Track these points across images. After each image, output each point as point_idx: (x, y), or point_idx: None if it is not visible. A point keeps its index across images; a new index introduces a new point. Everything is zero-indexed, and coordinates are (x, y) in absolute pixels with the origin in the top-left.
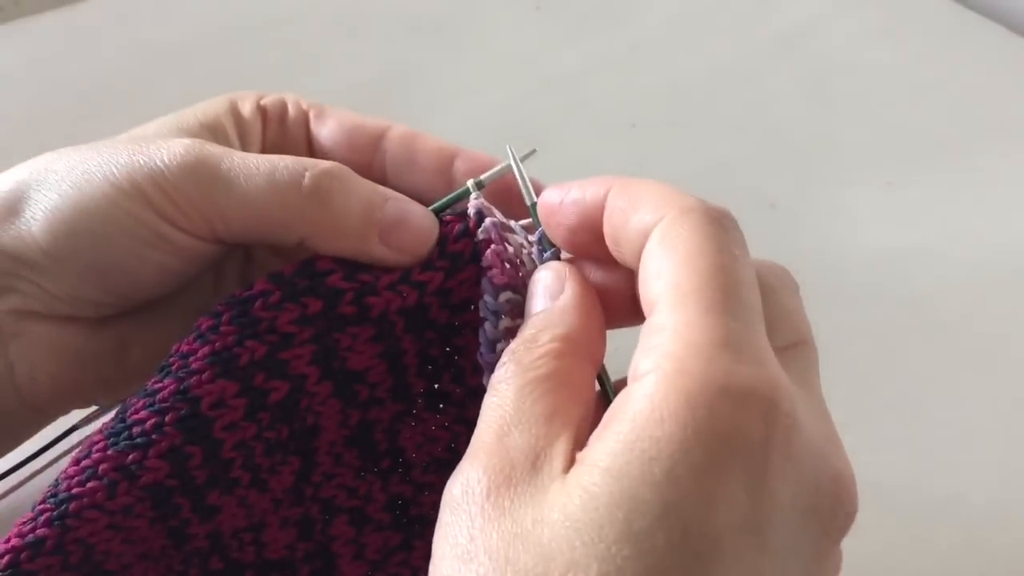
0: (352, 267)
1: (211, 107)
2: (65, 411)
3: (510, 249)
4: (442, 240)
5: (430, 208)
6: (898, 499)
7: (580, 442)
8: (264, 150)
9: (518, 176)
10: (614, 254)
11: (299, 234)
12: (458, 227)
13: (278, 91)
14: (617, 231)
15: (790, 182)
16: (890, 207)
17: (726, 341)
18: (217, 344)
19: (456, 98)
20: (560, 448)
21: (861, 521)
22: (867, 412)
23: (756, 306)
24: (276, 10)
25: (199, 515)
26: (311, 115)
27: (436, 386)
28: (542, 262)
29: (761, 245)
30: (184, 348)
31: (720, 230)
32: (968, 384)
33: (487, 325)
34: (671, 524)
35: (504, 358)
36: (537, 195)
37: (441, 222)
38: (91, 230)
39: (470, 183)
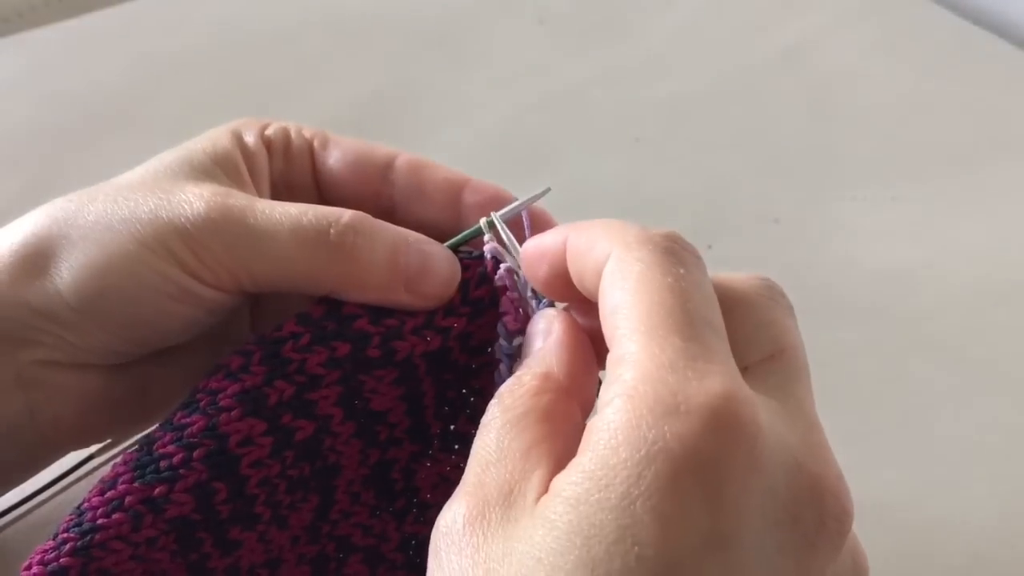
0: (377, 312)
1: (219, 141)
2: (85, 447)
3: (518, 294)
4: (464, 285)
5: (446, 245)
6: (899, 517)
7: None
8: (272, 184)
9: (506, 239)
10: (584, 294)
11: (326, 288)
12: (478, 272)
13: (283, 105)
14: (580, 274)
15: (793, 197)
16: (893, 222)
17: (675, 362)
18: (247, 383)
19: (460, 112)
20: (535, 482)
21: (862, 539)
22: (869, 428)
23: (711, 320)
24: (280, 23)
25: (220, 549)
26: (315, 144)
27: (452, 427)
28: (537, 311)
29: (764, 260)
30: (213, 385)
31: (665, 254)
32: (971, 401)
33: (502, 367)
34: (626, 549)
35: (492, 401)
36: (547, 227)
37: (460, 263)
38: (119, 289)
39: (483, 222)
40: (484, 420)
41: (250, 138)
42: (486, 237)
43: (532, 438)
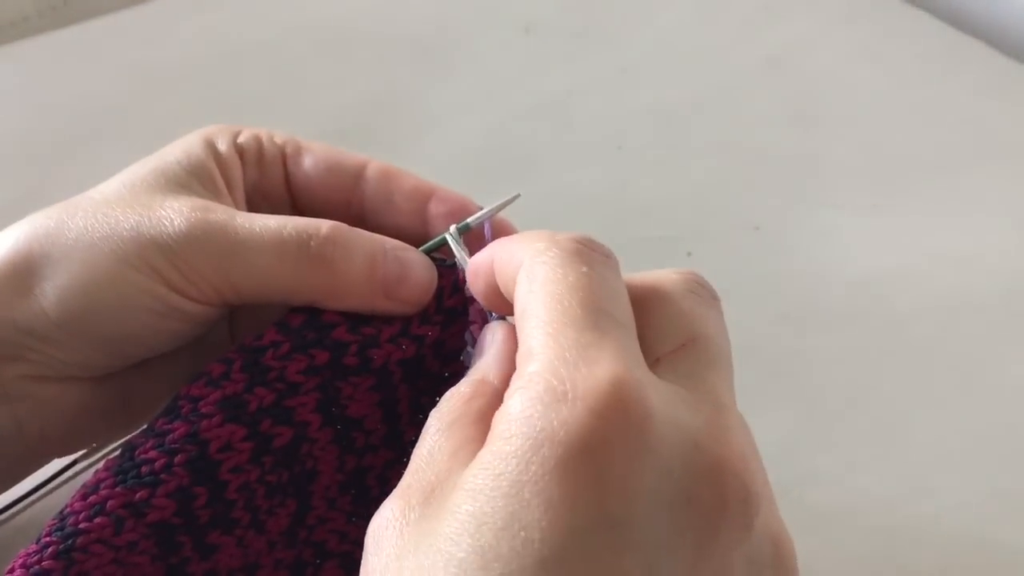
0: (355, 320)
1: (192, 151)
2: (70, 455)
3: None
4: (438, 293)
5: (420, 249)
6: (876, 521)
7: None
8: (246, 191)
9: (459, 255)
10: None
11: (308, 298)
12: (451, 280)
13: (271, 114)
14: (505, 286)
15: (775, 204)
16: (875, 229)
17: (566, 352)
18: (228, 390)
19: (444, 121)
20: (455, 479)
21: (839, 543)
22: (845, 434)
23: (612, 311)
24: (269, 34)
25: (199, 553)
26: (287, 151)
27: None
28: (488, 323)
29: (744, 267)
30: (194, 392)
31: (569, 255)
32: (947, 407)
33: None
34: (513, 534)
35: (432, 410)
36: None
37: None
38: (103, 307)
39: (453, 228)
40: (423, 429)
41: (223, 147)
42: (453, 247)
43: (459, 441)
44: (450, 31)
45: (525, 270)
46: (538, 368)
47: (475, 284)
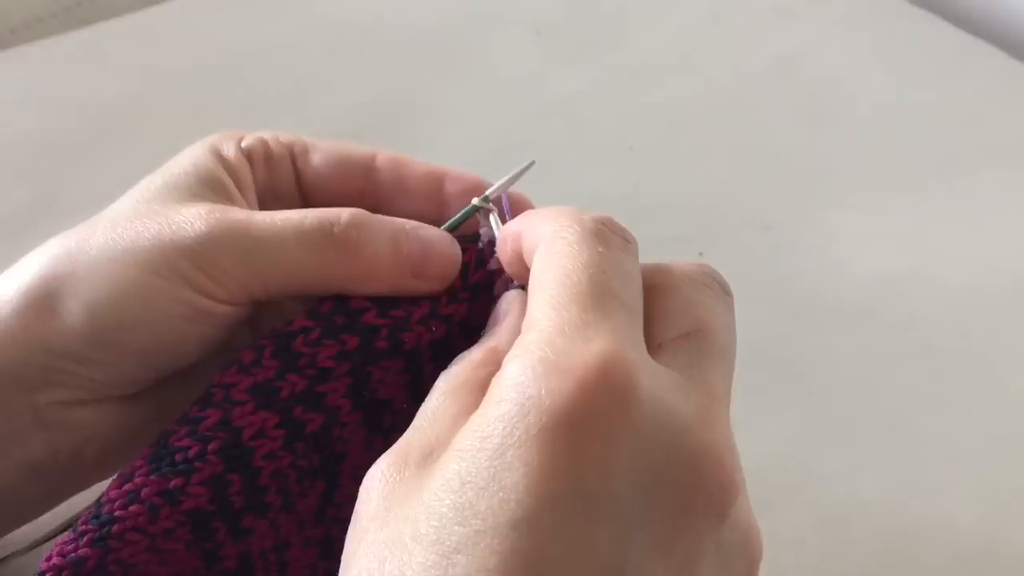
0: (384, 303)
1: (199, 160)
2: (107, 478)
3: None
4: (464, 269)
5: (443, 228)
6: (886, 520)
7: None
8: (257, 193)
9: (492, 223)
10: None
11: (336, 286)
12: (476, 255)
13: (283, 115)
14: (527, 256)
15: (785, 205)
16: (885, 230)
17: (567, 326)
18: (259, 377)
19: (456, 122)
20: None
21: (849, 543)
22: (856, 433)
23: (620, 294)
24: (281, 35)
25: (232, 538)
26: (295, 150)
27: None
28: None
29: (755, 267)
30: (227, 380)
31: (587, 234)
32: (957, 406)
33: None
34: (492, 493)
35: (443, 372)
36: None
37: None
38: (133, 319)
39: (475, 201)
40: (432, 388)
41: (229, 152)
42: (482, 227)
43: (464, 405)
44: (461, 33)
45: (544, 243)
46: (536, 337)
47: (503, 251)
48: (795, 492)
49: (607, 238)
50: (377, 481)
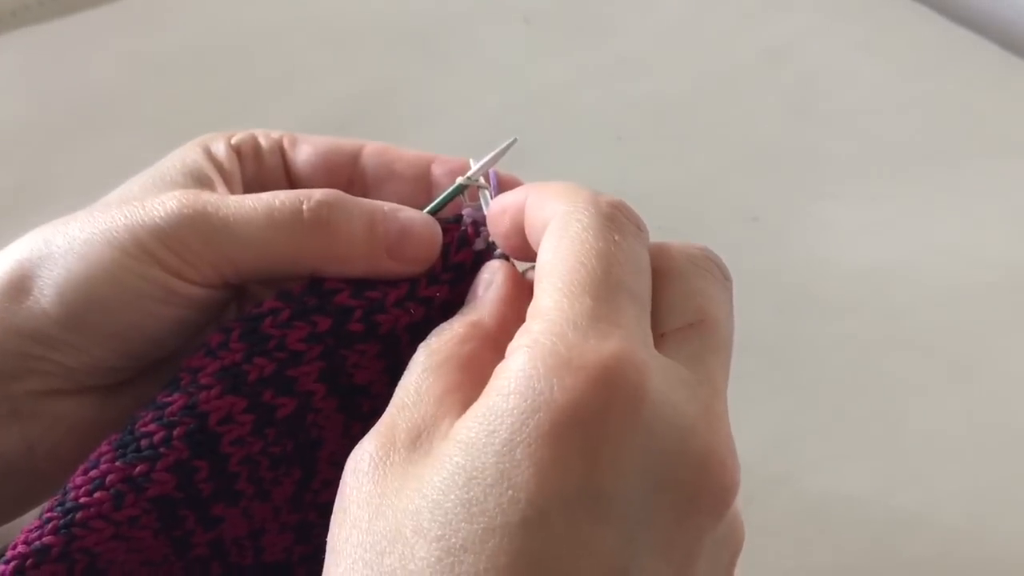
0: (359, 284)
1: (188, 156)
2: None
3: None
4: (444, 250)
5: (425, 211)
6: (870, 511)
7: None
8: (246, 187)
9: (481, 199)
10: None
11: (308, 267)
12: (457, 235)
13: (269, 104)
14: (531, 230)
15: (773, 195)
16: (873, 221)
17: (579, 320)
18: (226, 360)
19: (444, 111)
20: (444, 427)
21: (835, 533)
22: (842, 424)
23: (632, 287)
24: (269, 23)
25: (203, 526)
26: (285, 143)
27: None
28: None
29: (743, 257)
30: (194, 363)
31: (602, 219)
32: (943, 397)
33: None
34: (501, 491)
35: (421, 344)
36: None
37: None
38: (103, 298)
39: (460, 180)
40: (410, 361)
41: (219, 149)
42: (464, 209)
43: (449, 384)
44: (449, 21)
45: (558, 223)
46: (546, 329)
47: (499, 221)
48: (780, 483)
49: (622, 225)
50: (366, 464)
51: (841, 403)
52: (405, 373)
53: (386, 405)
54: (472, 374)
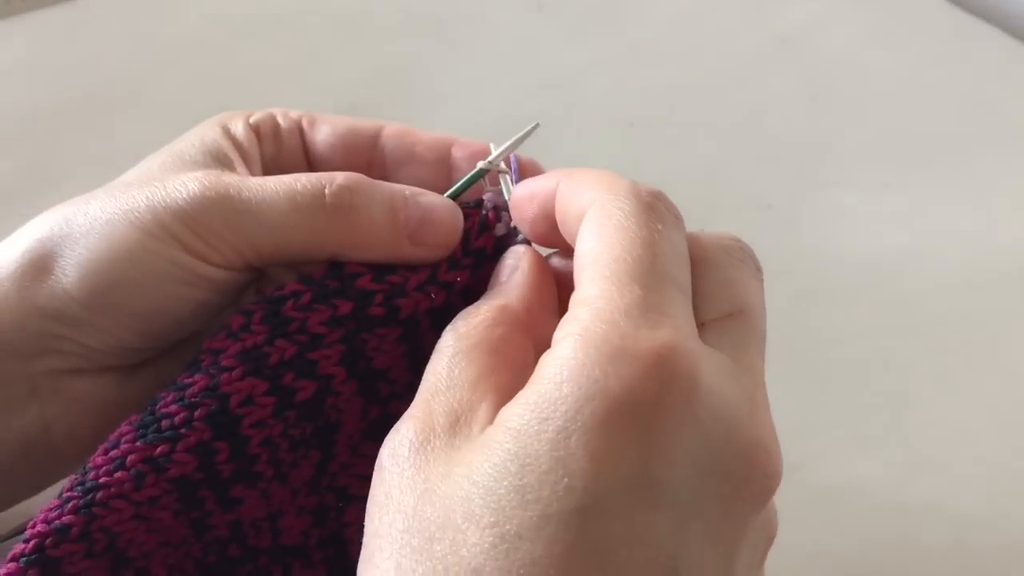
0: (380, 268)
1: (207, 134)
2: None
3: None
4: (465, 235)
5: (446, 195)
6: (885, 498)
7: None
8: (264, 167)
9: (511, 177)
10: (566, 239)
11: (329, 251)
12: (478, 220)
13: (282, 87)
14: (564, 217)
15: (787, 183)
16: (886, 209)
17: (630, 309)
18: (247, 342)
19: (456, 96)
20: (482, 412)
21: (848, 520)
22: (857, 411)
23: (677, 276)
24: (280, 6)
25: (222, 507)
26: (304, 123)
27: None
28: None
29: (757, 245)
30: (215, 345)
31: (644, 208)
32: (959, 385)
33: None
34: (556, 479)
35: (447, 327)
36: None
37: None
38: (126, 279)
39: (481, 164)
40: (438, 345)
41: (237, 128)
42: (485, 194)
43: (482, 369)
44: (463, 6)
45: (599, 211)
46: (596, 317)
47: (524, 209)
48: (795, 469)
49: (662, 215)
50: (406, 449)
51: (855, 391)
52: (433, 358)
53: (405, 390)
54: (503, 358)
